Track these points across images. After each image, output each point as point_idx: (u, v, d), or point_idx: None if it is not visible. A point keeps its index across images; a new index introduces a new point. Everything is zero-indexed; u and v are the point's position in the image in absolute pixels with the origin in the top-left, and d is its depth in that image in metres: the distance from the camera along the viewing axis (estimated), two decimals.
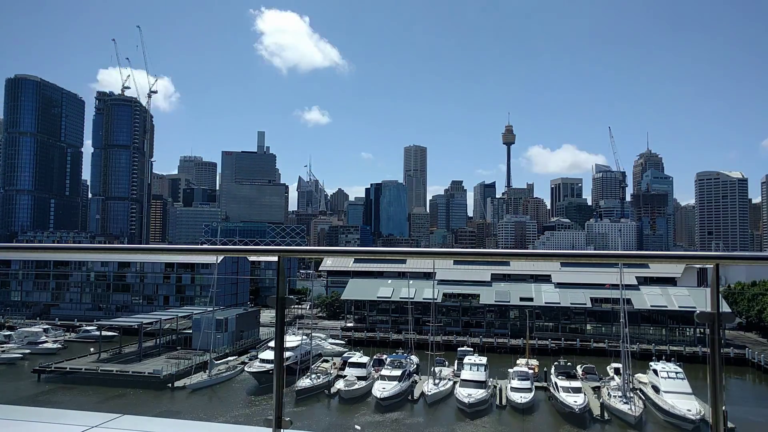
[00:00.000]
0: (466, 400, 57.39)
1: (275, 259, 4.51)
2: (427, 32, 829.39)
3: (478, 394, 58.85)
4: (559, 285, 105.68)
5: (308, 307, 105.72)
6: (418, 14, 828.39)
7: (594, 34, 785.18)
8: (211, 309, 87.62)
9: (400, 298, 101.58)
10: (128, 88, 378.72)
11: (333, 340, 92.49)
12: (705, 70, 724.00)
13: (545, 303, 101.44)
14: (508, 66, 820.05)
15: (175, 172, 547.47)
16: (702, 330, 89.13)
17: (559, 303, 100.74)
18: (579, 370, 69.77)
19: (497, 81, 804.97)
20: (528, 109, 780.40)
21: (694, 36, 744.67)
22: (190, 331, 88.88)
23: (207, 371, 70.48)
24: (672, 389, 57.34)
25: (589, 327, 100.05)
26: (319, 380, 65.81)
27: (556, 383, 60.73)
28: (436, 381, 64.13)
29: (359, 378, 65.25)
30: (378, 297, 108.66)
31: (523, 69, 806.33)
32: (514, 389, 60.59)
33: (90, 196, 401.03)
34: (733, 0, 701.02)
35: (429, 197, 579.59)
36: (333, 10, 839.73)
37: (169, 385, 67.92)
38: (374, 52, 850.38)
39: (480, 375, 63.12)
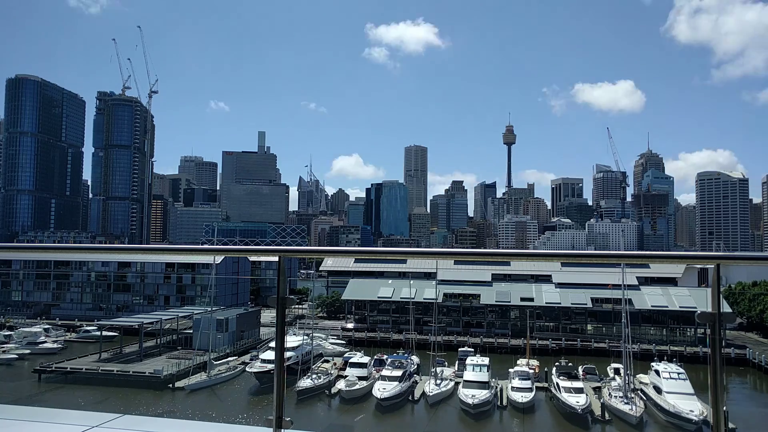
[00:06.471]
0: (470, 401, 57.16)
1: (276, 259, 4.51)
2: (428, 32, 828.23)
3: (482, 394, 58.71)
4: (560, 285, 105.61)
5: (307, 306, 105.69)
6: (420, 13, 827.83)
7: (593, 33, 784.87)
8: (212, 309, 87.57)
9: (401, 298, 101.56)
10: (129, 88, 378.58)
11: (334, 340, 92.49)
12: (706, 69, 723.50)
13: (546, 303, 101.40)
14: (506, 67, 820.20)
15: (176, 172, 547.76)
16: (703, 330, 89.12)
17: (559, 303, 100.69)
18: (580, 370, 69.69)
19: (497, 82, 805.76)
20: (528, 109, 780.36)
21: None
22: (191, 331, 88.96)
23: (206, 372, 70.57)
24: (674, 390, 57.32)
25: (589, 327, 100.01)
26: (319, 380, 65.73)
27: (557, 383, 60.69)
28: (438, 381, 64.08)
29: (360, 378, 65.19)
30: (379, 297, 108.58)
31: (522, 68, 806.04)
32: (515, 389, 60.56)
33: (91, 196, 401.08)
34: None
35: (429, 197, 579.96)
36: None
37: (170, 385, 67.97)
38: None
39: (483, 375, 63.08)
